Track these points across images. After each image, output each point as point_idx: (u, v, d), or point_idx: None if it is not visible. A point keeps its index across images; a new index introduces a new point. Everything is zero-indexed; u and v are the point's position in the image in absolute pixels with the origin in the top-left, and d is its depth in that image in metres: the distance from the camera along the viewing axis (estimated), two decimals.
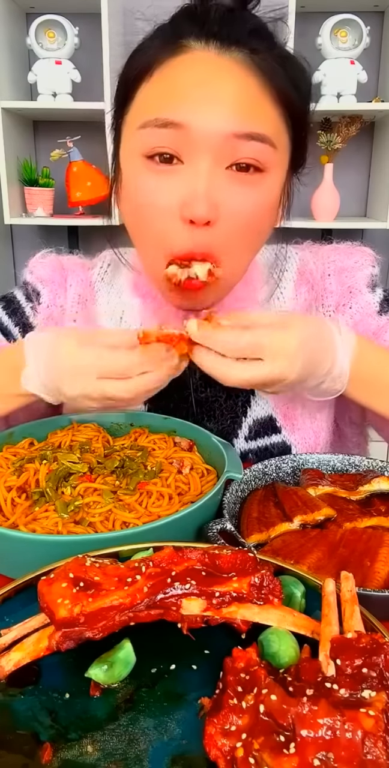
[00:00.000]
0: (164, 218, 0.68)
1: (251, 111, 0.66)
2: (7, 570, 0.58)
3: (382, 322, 0.84)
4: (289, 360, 0.64)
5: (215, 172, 0.66)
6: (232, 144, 0.65)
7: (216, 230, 0.68)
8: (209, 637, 0.45)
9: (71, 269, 0.93)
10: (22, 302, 0.90)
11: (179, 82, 0.66)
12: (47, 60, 2.22)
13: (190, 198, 0.66)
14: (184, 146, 0.66)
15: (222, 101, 0.65)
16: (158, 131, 0.66)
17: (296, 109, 0.70)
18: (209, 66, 0.66)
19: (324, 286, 0.87)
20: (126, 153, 0.72)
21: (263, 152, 0.67)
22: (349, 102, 2.18)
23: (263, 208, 0.71)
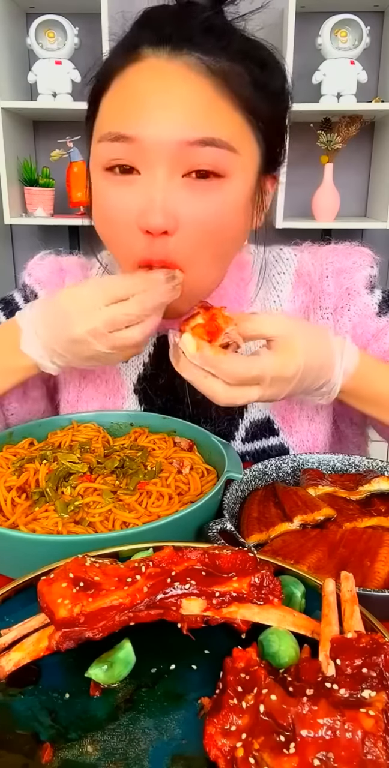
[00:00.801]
0: (125, 228, 0.69)
1: (204, 116, 0.64)
2: (7, 570, 0.58)
3: (381, 324, 0.83)
4: (283, 385, 0.65)
5: (172, 181, 0.65)
6: (186, 152, 0.64)
7: (176, 239, 0.67)
8: (209, 637, 0.45)
9: (70, 270, 0.93)
10: (20, 304, 0.91)
11: (131, 93, 0.66)
12: (47, 60, 2.22)
13: (146, 208, 0.65)
14: (138, 158, 0.65)
15: (172, 108, 0.64)
16: (112, 145, 0.66)
17: (260, 108, 0.68)
18: (160, 73, 0.65)
19: (321, 288, 0.85)
20: (92, 166, 0.73)
21: (220, 158, 0.65)
22: (349, 102, 2.18)
23: (226, 214, 0.68)
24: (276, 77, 0.71)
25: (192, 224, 0.67)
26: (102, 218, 0.72)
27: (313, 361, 0.66)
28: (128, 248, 0.70)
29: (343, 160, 2.39)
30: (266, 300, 0.88)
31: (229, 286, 0.86)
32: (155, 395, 0.89)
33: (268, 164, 0.73)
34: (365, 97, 2.27)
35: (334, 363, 0.69)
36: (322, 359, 0.68)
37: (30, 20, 2.28)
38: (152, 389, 0.89)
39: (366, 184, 2.56)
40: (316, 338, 0.69)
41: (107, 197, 0.69)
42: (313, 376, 0.67)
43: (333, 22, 2.13)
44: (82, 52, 2.27)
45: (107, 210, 0.70)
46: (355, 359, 0.70)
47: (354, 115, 2.19)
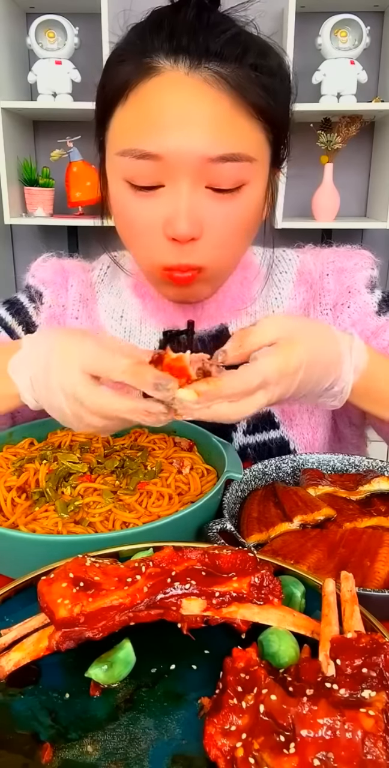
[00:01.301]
0: (149, 236, 0.71)
1: (225, 132, 0.66)
2: (7, 570, 0.58)
3: (381, 322, 0.84)
4: (289, 382, 0.61)
5: (196, 191, 0.68)
6: (208, 167, 0.66)
7: (201, 244, 0.70)
8: (209, 637, 0.45)
9: (72, 271, 0.94)
10: (25, 303, 0.92)
11: (151, 110, 0.66)
12: (47, 60, 2.22)
13: (172, 217, 0.68)
14: (163, 173, 0.68)
15: (195, 125, 0.65)
16: (136, 162, 0.68)
17: (273, 114, 0.70)
18: (179, 88, 0.66)
19: (322, 285, 0.87)
20: (110, 174, 0.74)
21: (240, 170, 0.68)
22: (349, 102, 2.18)
23: (247, 217, 0.72)
24: (284, 80, 0.73)
25: (216, 229, 0.70)
26: (125, 225, 0.75)
27: (318, 356, 0.63)
28: (152, 253, 0.73)
29: (343, 160, 2.39)
30: (268, 297, 0.90)
31: (233, 285, 0.87)
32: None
33: (275, 159, 0.76)
34: (365, 97, 2.27)
35: (342, 360, 0.66)
36: (329, 355, 0.65)
37: (30, 20, 2.28)
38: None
39: (366, 184, 2.56)
40: (320, 334, 0.66)
41: (131, 208, 0.71)
42: (320, 372, 0.64)
43: (333, 22, 2.13)
44: (82, 52, 2.27)
45: (130, 218, 0.72)
46: (365, 356, 0.68)
47: (354, 115, 2.19)
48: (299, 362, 0.61)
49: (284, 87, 0.73)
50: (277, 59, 0.71)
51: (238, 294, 0.88)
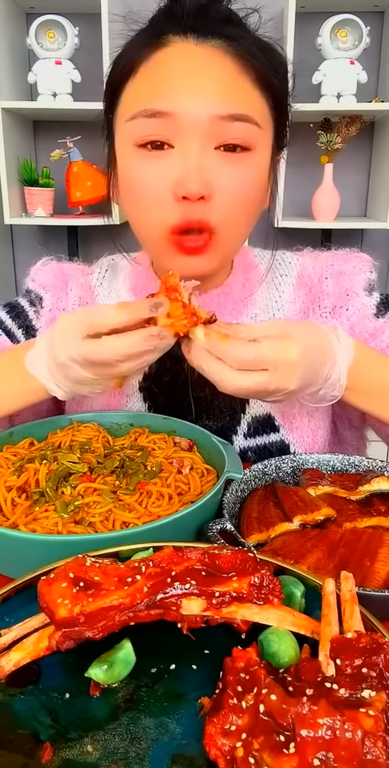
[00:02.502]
0: (159, 198, 0.72)
1: (233, 93, 0.70)
2: (7, 570, 0.58)
3: (379, 324, 0.84)
4: (290, 371, 0.64)
5: (205, 152, 0.70)
6: (218, 125, 0.69)
7: (211, 205, 0.71)
8: (209, 637, 0.45)
9: (71, 274, 0.95)
10: (25, 307, 0.93)
11: (162, 74, 0.70)
12: (47, 60, 2.21)
13: (182, 177, 0.69)
14: (173, 132, 0.69)
15: (205, 87, 0.69)
16: (147, 121, 0.70)
17: (275, 90, 0.74)
18: (190, 55, 0.70)
19: (321, 289, 0.88)
20: (119, 145, 0.76)
21: (248, 131, 0.71)
22: (349, 102, 2.18)
23: (254, 184, 0.74)
24: (282, 62, 0.77)
25: (226, 192, 0.71)
26: (132, 193, 0.75)
27: (313, 346, 0.67)
28: (161, 218, 0.73)
29: (343, 160, 2.39)
30: (268, 300, 0.90)
31: (234, 286, 0.88)
32: (159, 393, 0.90)
33: (278, 143, 0.79)
34: (365, 97, 2.27)
35: (333, 345, 0.69)
36: (321, 343, 0.69)
37: (30, 20, 2.28)
38: (157, 387, 0.90)
39: (366, 184, 2.56)
40: (309, 327, 0.71)
41: (140, 171, 0.72)
42: (318, 362, 0.67)
43: (333, 22, 2.13)
44: (82, 52, 2.27)
45: (138, 183, 0.73)
46: (351, 342, 0.71)
47: (354, 115, 2.19)
48: (299, 352, 0.65)
49: (282, 67, 0.76)
50: (276, 49, 0.76)
51: (239, 296, 0.88)
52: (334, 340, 0.70)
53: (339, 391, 0.71)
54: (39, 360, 0.72)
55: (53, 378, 0.71)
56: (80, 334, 0.65)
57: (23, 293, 0.95)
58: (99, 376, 0.67)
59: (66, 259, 0.98)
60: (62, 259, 0.98)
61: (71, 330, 0.66)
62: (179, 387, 0.88)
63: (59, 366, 0.68)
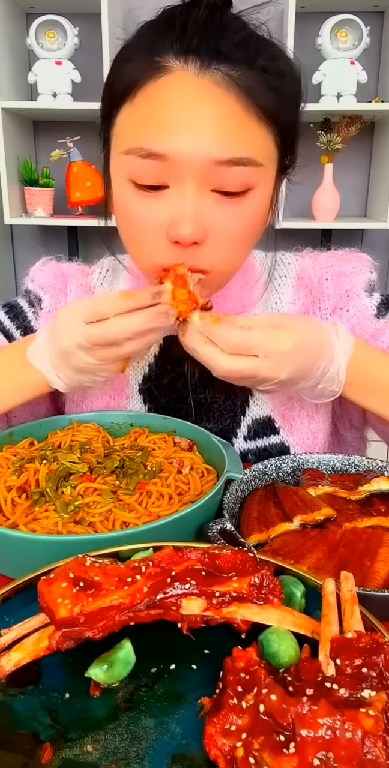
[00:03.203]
0: (152, 238, 0.70)
1: (234, 135, 0.65)
2: (7, 570, 0.58)
3: (379, 325, 0.84)
4: (280, 360, 0.65)
5: (201, 195, 0.67)
6: (216, 170, 0.65)
7: (204, 248, 0.69)
8: (209, 637, 0.45)
9: (71, 275, 0.94)
10: (24, 308, 0.92)
11: (160, 109, 0.65)
12: (47, 60, 2.22)
13: (176, 219, 0.67)
14: (168, 173, 0.66)
15: (204, 128, 0.64)
16: (142, 161, 0.66)
17: (282, 118, 0.69)
18: (190, 89, 0.65)
19: (321, 290, 0.88)
20: (114, 172, 0.73)
21: (248, 175, 0.67)
22: (349, 102, 2.18)
23: (252, 222, 0.71)
24: (294, 84, 0.72)
25: (221, 234, 0.69)
26: (127, 224, 0.73)
27: (308, 339, 0.67)
28: (152, 255, 0.71)
29: (343, 160, 2.39)
30: (268, 302, 0.90)
31: (233, 288, 0.87)
32: (159, 395, 0.90)
33: (282, 166, 0.76)
34: (365, 97, 2.27)
35: (331, 340, 0.69)
36: (318, 337, 0.69)
37: (30, 20, 2.28)
38: (157, 389, 0.90)
39: (366, 184, 2.56)
40: (306, 320, 0.71)
41: (134, 208, 0.70)
42: (314, 355, 0.68)
43: (333, 22, 2.13)
44: (82, 52, 2.27)
45: (133, 218, 0.71)
46: (350, 339, 0.71)
47: (354, 115, 2.19)
48: (291, 342, 0.65)
49: (293, 91, 0.71)
50: (287, 63, 0.71)
51: (238, 298, 0.88)
52: (333, 335, 0.70)
53: (338, 386, 0.72)
54: (41, 351, 0.72)
55: (55, 369, 0.71)
56: (84, 320, 0.66)
57: (22, 293, 0.95)
58: (103, 361, 0.68)
59: (66, 259, 0.98)
60: (62, 259, 0.97)
61: (75, 317, 0.66)
62: (179, 389, 0.88)
63: (63, 354, 0.69)
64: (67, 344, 0.67)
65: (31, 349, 0.73)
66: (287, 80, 0.70)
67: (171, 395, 0.89)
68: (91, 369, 0.69)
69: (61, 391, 0.75)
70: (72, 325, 0.67)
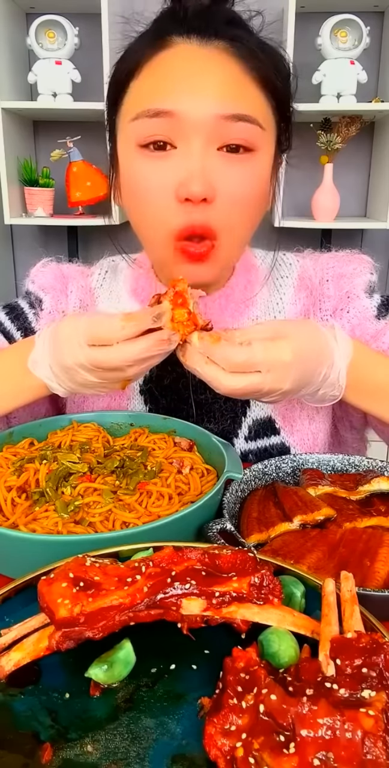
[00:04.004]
0: (161, 200, 0.71)
1: (236, 94, 0.70)
2: (7, 570, 0.58)
3: (380, 326, 0.84)
4: (283, 372, 0.64)
5: (208, 153, 0.70)
6: (221, 126, 0.69)
7: (213, 207, 0.71)
8: (209, 637, 0.45)
9: (71, 276, 0.94)
10: (25, 309, 0.92)
11: (165, 74, 0.70)
12: (47, 60, 2.21)
13: (185, 178, 0.69)
14: (176, 132, 0.69)
15: (208, 87, 0.69)
16: (150, 121, 0.69)
17: (278, 91, 0.74)
18: (193, 56, 0.70)
19: (321, 291, 0.88)
20: (122, 145, 0.75)
21: (251, 132, 0.71)
22: (349, 102, 2.18)
23: (257, 185, 0.74)
24: (285, 66, 0.77)
25: (229, 193, 0.71)
26: (135, 194, 0.75)
27: (308, 346, 0.67)
28: (164, 220, 0.73)
29: (343, 160, 2.39)
30: (269, 302, 0.90)
31: (236, 288, 0.87)
32: (160, 396, 0.90)
33: (279, 145, 0.79)
34: (365, 97, 2.27)
35: (331, 346, 0.69)
36: (317, 343, 0.69)
37: (30, 20, 2.28)
38: (158, 390, 0.90)
39: (366, 184, 2.56)
40: (304, 326, 0.71)
41: (143, 172, 0.72)
42: (313, 361, 0.67)
43: (333, 22, 2.13)
44: (82, 52, 2.27)
45: (141, 185, 0.73)
46: (350, 342, 0.71)
47: (354, 115, 2.19)
48: (292, 353, 0.65)
49: (284, 69, 0.76)
50: (279, 52, 0.76)
51: (241, 298, 0.88)
52: (331, 340, 0.70)
53: (339, 391, 0.71)
54: (41, 361, 0.72)
55: (56, 378, 0.72)
56: (86, 342, 0.66)
57: (23, 295, 0.95)
58: (105, 380, 0.68)
59: (66, 260, 0.98)
60: (62, 260, 0.97)
61: (76, 338, 0.66)
62: (180, 390, 0.88)
63: (65, 369, 0.69)
64: (70, 362, 0.67)
65: (32, 359, 0.73)
66: (280, 61, 0.75)
67: (172, 396, 0.89)
68: (93, 385, 0.70)
69: (61, 395, 0.75)
70: (73, 345, 0.67)
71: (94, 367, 0.66)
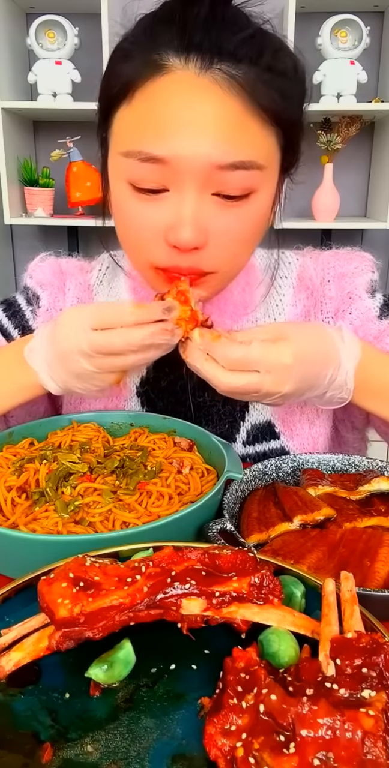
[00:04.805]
0: (150, 241, 0.69)
1: (234, 138, 0.63)
2: (7, 570, 0.58)
3: (383, 327, 0.83)
4: (283, 374, 0.64)
5: (201, 198, 0.65)
6: (216, 174, 0.64)
7: (205, 251, 0.68)
8: (209, 637, 0.45)
9: (70, 272, 0.93)
10: (22, 305, 0.91)
11: (159, 111, 0.63)
12: (47, 60, 2.22)
13: (176, 223, 0.65)
14: (168, 177, 0.65)
15: (204, 131, 0.62)
16: (141, 165, 0.64)
17: (285, 117, 0.67)
18: (190, 89, 0.62)
19: (323, 293, 0.86)
20: (112, 173, 0.71)
21: (249, 178, 0.65)
22: (349, 102, 2.18)
23: (254, 226, 0.70)
24: (298, 82, 0.70)
25: (222, 238, 0.68)
26: (125, 227, 0.72)
27: (312, 347, 0.66)
28: (150, 257, 0.70)
29: (343, 160, 2.39)
30: (269, 304, 0.88)
31: (235, 290, 0.86)
32: (157, 398, 0.89)
33: (286, 166, 0.74)
34: (365, 97, 2.27)
35: (337, 347, 0.68)
36: (323, 345, 0.68)
37: (30, 20, 2.28)
38: (155, 392, 0.89)
39: (366, 184, 2.56)
40: (309, 329, 0.70)
41: (132, 210, 0.69)
42: (319, 363, 0.67)
43: (333, 22, 2.13)
44: (82, 52, 2.27)
45: (131, 221, 0.70)
46: (358, 343, 0.70)
47: (354, 115, 2.19)
48: (292, 355, 0.64)
49: (298, 90, 0.70)
50: (292, 60, 0.69)
51: (240, 300, 0.87)
52: (338, 341, 0.69)
53: (348, 394, 0.70)
54: (37, 350, 0.71)
55: (49, 369, 0.71)
56: (90, 326, 0.65)
57: (21, 289, 0.94)
58: (101, 370, 0.67)
59: (65, 255, 0.96)
60: (61, 255, 0.95)
61: (81, 321, 0.66)
62: (178, 392, 0.88)
63: (61, 357, 0.68)
64: (68, 348, 0.66)
65: (29, 347, 0.72)
66: (292, 79, 0.68)
67: (169, 399, 0.88)
68: (88, 376, 0.68)
69: (53, 393, 0.74)
70: (76, 330, 0.66)
71: (95, 351, 0.65)
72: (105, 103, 0.70)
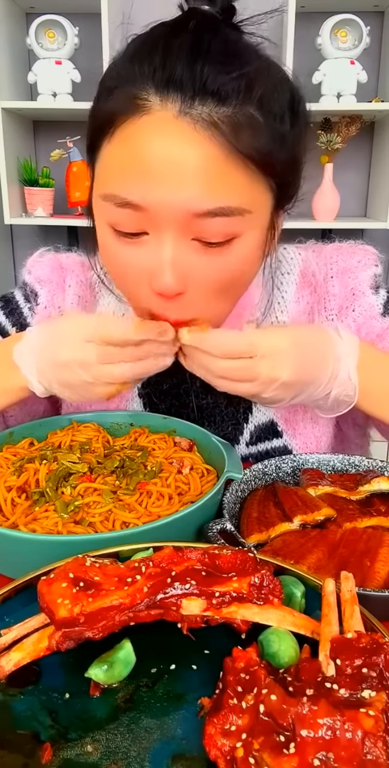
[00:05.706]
0: (135, 284, 0.67)
1: (214, 184, 0.59)
2: (7, 570, 0.58)
3: (386, 324, 0.82)
4: (279, 357, 0.63)
5: (181, 243, 0.62)
6: (195, 221, 0.60)
7: (188, 298, 0.66)
8: (209, 637, 0.45)
9: (70, 269, 0.90)
10: (20, 302, 0.89)
11: (135, 154, 0.60)
12: (47, 60, 2.22)
13: (156, 270, 0.63)
14: (145, 222, 0.62)
15: (181, 177, 0.59)
16: (119, 210, 0.62)
17: (277, 161, 0.63)
18: (168, 132, 0.58)
19: (326, 289, 0.84)
20: (95, 212, 0.70)
21: (230, 224, 0.61)
22: (349, 102, 2.18)
23: (237, 271, 0.67)
24: (295, 119, 0.66)
25: (204, 284, 0.65)
26: (110, 267, 0.72)
27: (308, 334, 0.66)
28: (138, 301, 0.69)
29: (343, 160, 2.39)
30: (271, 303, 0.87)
31: None
32: (159, 401, 0.89)
33: (281, 201, 0.70)
34: (365, 97, 2.27)
35: (335, 341, 0.68)
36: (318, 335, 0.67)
37: (30, 20, 2.28)
38: (156, 394, 0.88)
39: (366, 184, 2.56)
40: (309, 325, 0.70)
41: (116, 253, 0.67)
42: (315, 352, 0.66)
43: (333, 22, 2.13)
44: (82, 52, 2.27)
45: (116, 264, 0.69)
46: (355, 340, 0.70)
47: (354, 115, 2.19)
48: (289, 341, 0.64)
49: (295, 129, 0.66)
50: (289, 95, 0.65)
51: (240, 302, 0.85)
52: (334, 335, 0.68)
53: (353, 390, 0.69)
54: (28, 352, 0.70)
55: (39, 374, 0.70)
56: (87, 340, 0.65)
57: (19, 285, 0.91)
58: (96, 380, 0.66)
59: (65, 250, 0.93)
60: (61, 250, 0.93)
61: (79, 335, 0.65)
62: (181, 395, 0.87)
63: (56, 366, 0.67)
64: (66, 357, 0.66)
65: (18, 349, 0.71)
66: (286, 116, 0.64)
67: (172, 401, 0.88)
68: (82, 385, 0.67)
69: (38, 395, 0.72)
70: (78, 340, 0.65)
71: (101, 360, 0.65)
72: (91, 135, 0.69)
